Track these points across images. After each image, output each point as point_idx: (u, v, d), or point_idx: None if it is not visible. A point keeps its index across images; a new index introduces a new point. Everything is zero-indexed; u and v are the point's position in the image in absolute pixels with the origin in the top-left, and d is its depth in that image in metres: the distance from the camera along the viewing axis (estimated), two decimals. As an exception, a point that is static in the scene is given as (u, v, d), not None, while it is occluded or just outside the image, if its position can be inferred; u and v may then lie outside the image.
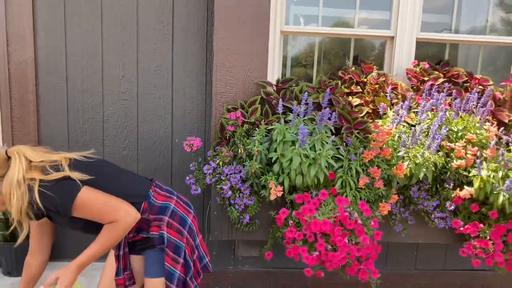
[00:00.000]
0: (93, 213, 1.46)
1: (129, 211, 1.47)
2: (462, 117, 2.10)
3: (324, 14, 2.54)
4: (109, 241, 1.47)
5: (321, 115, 1.87)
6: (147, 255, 1.63)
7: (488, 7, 2.59)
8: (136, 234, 1.61)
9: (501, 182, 1.94)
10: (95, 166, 1.55)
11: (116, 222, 1.45)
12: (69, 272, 1.46)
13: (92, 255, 1.48)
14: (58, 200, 1.40)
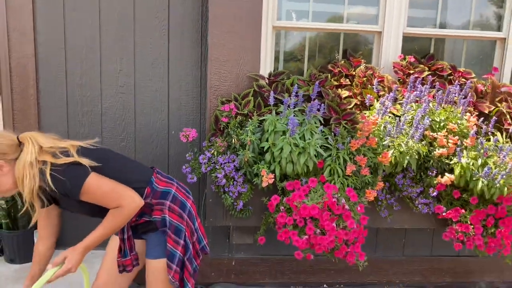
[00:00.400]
0: (100, 198, 1.55)
1: (134, 198, 1.56)
2: (444, 108, 2.21)
3: (315, 9, 2.64)
4: (114, 225, 1.57)
5: (310, 107, 1.98)
6: (149, 238, 1.73)
7: (472, 2, 2.70)
8: (139, 218, 1.70)
9: (480, 169, 2.05)
10: (101, 154, 1.63)
11: (121, 208, 1.55)
12: (76, 253, 1.56)
13: (98, 237, 1.58)
14: (68, 183, 1.49)
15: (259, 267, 2.93)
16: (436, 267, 3.08)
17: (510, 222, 2.15)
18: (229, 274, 2.92)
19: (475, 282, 3.14)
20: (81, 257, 1.57)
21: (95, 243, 1.60)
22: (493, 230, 2.19)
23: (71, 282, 2.43)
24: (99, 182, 1.54)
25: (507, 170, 2.02)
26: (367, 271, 3.02)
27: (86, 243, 1.59)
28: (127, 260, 1.75)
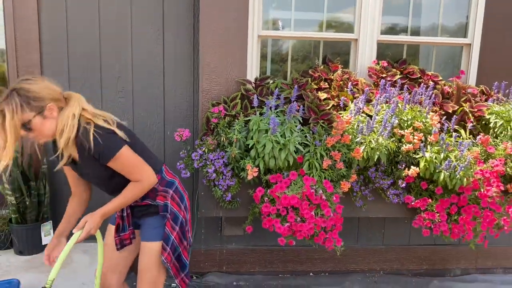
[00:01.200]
0: (125, 168, 1.74)
1: (152, 176, 1.79)
2: (412, 108, 2.46)
3: (297, 18, 2.88)
4: (131, 196, 1.77)
5: (290, 108, 2.22)
6: (146, 222, 1.90)
7: (439, 11, 2.95)
8: (141, 200, 1.86)
9: (442, 162, 2.30)
10: (129, 133, 1.82)
11: (141, 181, 1.75)
12: (95, 217, 1.71)
13: (116, 206, 1.77)
14: (104, 147, 1.66)
15: (249, 257, 3.17)
16: (414, 255, 3.32)
17: (471, 209, 2.40)
18: (221, 263, 3.15)
19: (451, 269, 3.39)
20: (100, 220, 1.72)
21: (113, 210, 1.78)
22: (456, 217, 2.43)
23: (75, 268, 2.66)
24: (129, 154, 1.73)
25: (466, 163, 2.27)
26: (349, 260, 3.26)
27: (105, 210, 1.75)
28: (125, 235, 1.91)
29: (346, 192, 2.39)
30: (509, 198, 2.51)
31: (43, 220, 2.82)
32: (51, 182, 2.92)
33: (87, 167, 1.77)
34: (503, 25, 2.83)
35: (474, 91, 2.74)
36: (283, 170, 2.32)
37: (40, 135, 1.68)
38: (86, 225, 1.70)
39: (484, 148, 2.48)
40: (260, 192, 2.31)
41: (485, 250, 3.35)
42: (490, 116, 2.59)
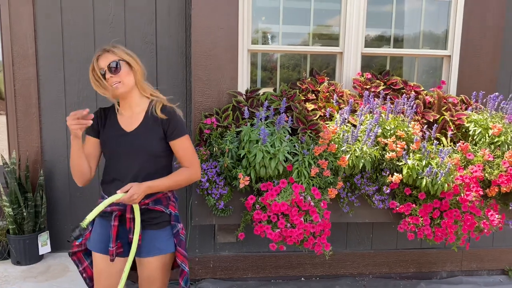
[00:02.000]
0: (186, 150, 1.89)
1: (200, 169, 1.95)
2: (395, 117, 2.59)
3: (285, 31, 3.01)
4: (178, 180, 1.86)
5: (279, 119, 2.34)
6: (158, 235, 1.87)
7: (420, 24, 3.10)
8: (154, 204, 1.86)
9: (424, 169, 2.42)
10: None
11: (191, 169, 1.89)
12: (141, 187, 1.74)
13: (162, 185, 1.83)
14: (182, 123, 1.90)
15: (242, 263, 3.25)
16: (402, 259, 3.43)
17: (452, 213, 2.52)
18: (215, 270, 3.24)
19: (437, 272, 3.51)
20: (144, 192, 1.75)
21: (159, 188, 1.83)
22: (439, 221, 2.55)
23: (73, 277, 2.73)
24: (190, 140, 1.94)
25: (447, 169, 2.39)
26: (339, 265, 3.37)
27: (151, 184, 1.78)
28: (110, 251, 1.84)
29: (333, 198, 2.50)
30: (488, 202, 2.64)
31: (40, 230, 2.89)
32: (48, 193, 2.99)
33: (145, 138, 1.85)
34: (480, 37, 2.98)
35: (455, 100, 2.88)
36: (274, 178, 2.42)
37: (123, 80, 1.82)
38: (130, 189, 1.73)
39: (463, 155, 2.61)
40: (252, 200, 2.41)
41: (470, 252, 3.48)
42: (469, 124, 2.72)
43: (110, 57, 1.81)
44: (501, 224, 2.61)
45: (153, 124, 1.86)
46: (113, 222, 1.83)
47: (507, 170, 2.53)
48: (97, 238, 1.91)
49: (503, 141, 2.62)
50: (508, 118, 2.71)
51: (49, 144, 2.98)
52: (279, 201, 2.27)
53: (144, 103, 1.92)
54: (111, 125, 1.91)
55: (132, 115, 1.90)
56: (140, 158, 1.85)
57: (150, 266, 1.88)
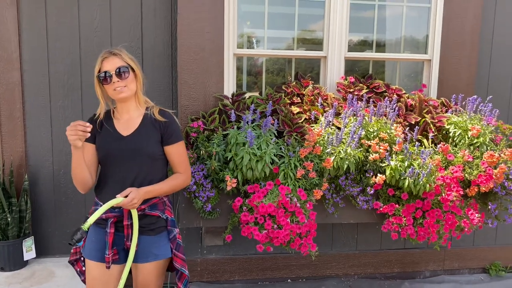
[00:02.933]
0: (182, 156, 1.95)
1: (190, 175, 2.01)
2: (378, 120, 2.65)
3: (270, 36, 3.06)
4: (173, 185, 1.91)
5: (265, 122, 2.37)
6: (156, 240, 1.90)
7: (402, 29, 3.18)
8: (150, 209, 1.88)
9: (407, 169, 2.49)
10: None
11: (183, 174, 1.94)
12: (140, 192, 1.77)
13: (160, 189, 1.86)
14: (179, 128, 1.96)
15: (229, 266, 3.27)
16: (386, 259, 3.49)
17: (434, 213, 2.59)
18: (202, 273, 3.24)
19: (420, 271, 3.58)
20: (143, 196, 1.79)
21: (155, 193, 1.86)
22: (421, 220, 2.62)
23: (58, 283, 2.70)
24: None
25: (428, 170, 2.46)
26: (325, 266, 3.41)
27: (148, 189, 1.82)
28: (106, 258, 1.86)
29: (319, 199, 2.55)
30: (469, 201, 2.72)
31: (24, 236, 2.86)
32: (33, 198, 2.96)
33: (142, 141, 1.87)
34: (459, 42, 3.08)
35: (435, 103, 2.96)
36: (260, 180, 2.45)
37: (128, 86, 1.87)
38: (130, 193, 1.74)
39: (444, 156, 2.69)
40: (239, 202, 2.44)
41: (452, 252, 3.56)
42: (450, 126, 2.80)
43: (117, 61, 1.84)
44: (481, 223, 2.69)
45: (151, 127, 1.90)
46: (109, 229, 1.84)
47: (485, 170, 2.62)
48: (92, 246, 1.90)
49: (481, 142, 2.70)
50: (486, 120, 2.80)
51: (34, 148, 2.95)
52: (266, 203, 2.30)
53: (141, 108, 1.96)
54: (107, 129, 1.91)
55: (129, 119, 1.93)
56: (138, 161, 1.87)
57: (146, 271, 1.90)
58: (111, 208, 1.84)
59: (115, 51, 1.86)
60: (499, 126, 2.91)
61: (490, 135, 2.76)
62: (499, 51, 3.37)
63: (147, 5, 2.94)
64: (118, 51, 1.87)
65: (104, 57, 1.85)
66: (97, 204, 1.92)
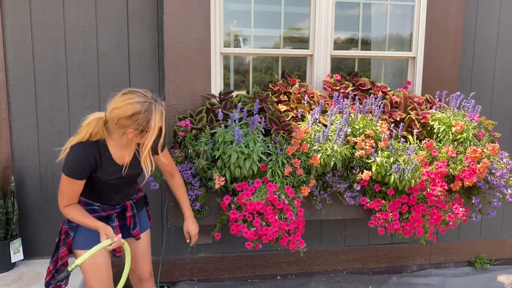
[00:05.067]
0: (169, 157, 2.18)
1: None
2: (363, 117, 2.69)
3: (256, 34, 3.08)
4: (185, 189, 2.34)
5: (252, 120, 2.39)
6: (143, 214, 2.27)
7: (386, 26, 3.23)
8: (137, 194, 2.21)
9: (392, 165, 2.53)
10: None
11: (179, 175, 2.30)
12: (194, 221, 2.34)
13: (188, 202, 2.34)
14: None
15: (219, 264, 3.28)
16: (374, 254, 3.54)
17: (420, 208, 2.64)
18: (191, 272, 3.25)
19: (408, 266, 3.63)
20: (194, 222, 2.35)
21: (189, 207, 2.33)
22: (407, 215, 2.67)
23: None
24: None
25: (413, 166, 2.51)
26: (314, 262, 3.44)
27: (190, 210, 2.32)
28: (137, 230, 2.16)
29: (306, 196, 2.58)
30: (453, 196, 2.78)
31: (12, 238, 2.83)
32: (19, 199, 2.94)
33: (138, 167, 2.01)
34: (442, 39, 3.13)
35: (420, 100, 3.01)
36: (248, 178, 2.47)
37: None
38: (194, 232, 2.32)
39: (429, 151, 2.74)
40: (228, 200, 2.46)
41: (438, 246, 3.63)
42: (434, 123, 2.85)
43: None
44: (465, 216, 2.75)
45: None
46: (114, 223, 2.03)
47: (469, 165, 2.67)
48: (89, 235, 1.97)
49: (465, 137, 2.76)
50: (469, 116, 2.86)
51: (20, 150, 2.93)
52: (254, 200, 2.32)
53: None
54: (107, 163, 1.92)
55: (126, 150, 1.96)
56: (131, 182, 2.10)
57: (143, 240, 2.23)
58: (112, 206, 2.05)
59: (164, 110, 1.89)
60: (482, 122, 2.97)
61: (473, 130, 2.81)
62: (482, 49, 3.43)
63: (133, 4, 2.93)
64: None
65: (161, 112, 1.84)
66: (91, 205, 2.02)
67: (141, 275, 2.27)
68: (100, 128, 1.85)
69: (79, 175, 1.84)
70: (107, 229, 1.88)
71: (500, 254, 3.76)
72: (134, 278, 2.31)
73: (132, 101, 1.76)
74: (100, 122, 1.85)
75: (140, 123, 1.76)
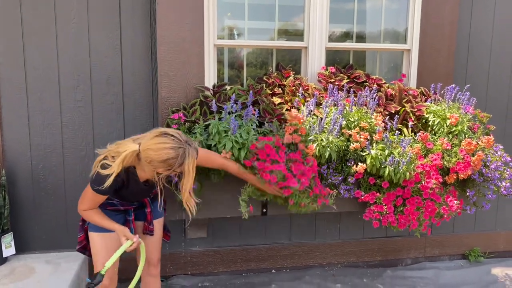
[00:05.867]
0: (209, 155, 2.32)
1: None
2: (358, 109, 2.67)
3: (250, 27, 3.04)
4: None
5: (246, 112, 2.37)
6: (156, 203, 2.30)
7: (381, 18, 3.21)
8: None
9: (387, 158, 2.52)
10: None
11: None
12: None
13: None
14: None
15: (213, 258, 3.27)
16: (368, 247, 3.54)
17: (414, 201, 2.63)
18: (186, 266, 3.24)
19: (402, 259, 3.64)
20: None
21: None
22: (402, 208, 2.66)
23: (39, 278, 2.66)
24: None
25: (408, 158, 2.49)
26: (309, 255, 3.44)
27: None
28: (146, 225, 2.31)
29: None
30: (448, 189, 2.77)
31: (3, 232, 2.80)
32: (11, 194, 2.90)
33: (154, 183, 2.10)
34: (437, 31, 3.12)
35: (415, 92, 3.00)
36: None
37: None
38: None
39: (424, 144, 2.72)
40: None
41: (432, 239, 3.63)
42: (429, 115, 2.84)
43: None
44: (460, 209, 2.74)
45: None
46: (131, 217, 2.19)
47: (464, 158, 2.66)
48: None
49: (459, 130, 2.75)
50: (464, 109, 2.85)
51: (11, 143, 2.89)
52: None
53: None
54: (133, 184, 2.07)
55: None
56: (152, 189, 2.21)
57: (156, 227, 2.34)
58: (130, 203, 2.19)
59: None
60: (477, 115, 2.96)
61: (468, 123, 2.81)
62: (477, 41, 3.42)
63: (125, -5, 2.89)
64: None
65: (194, 156, 1.89)
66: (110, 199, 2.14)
67: (150, 259, 2.35)
68: (133, 159, 1.94)
69: (104, 193, 1.97)
70: (125, 230, 2.02)
71: (494, 247, 3.78)
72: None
73: (167, 146, 1.82)
74: (134, 155, 1.92)
75: (173, 166, 1.84)
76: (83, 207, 2.04)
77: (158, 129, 1.90)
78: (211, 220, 3.20)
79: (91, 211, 2.04)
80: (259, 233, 3.32)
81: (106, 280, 2.18)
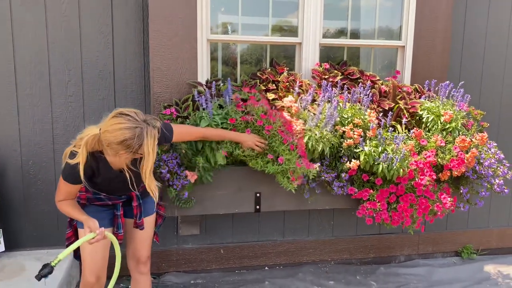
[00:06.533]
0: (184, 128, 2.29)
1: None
2: (352, 106, 2.65)
3: (244, 22, 3.01)
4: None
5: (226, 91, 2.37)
6: (148, 200, 2.22)
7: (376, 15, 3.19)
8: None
9: (380, 155, 2.50)
10: None
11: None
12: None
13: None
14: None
15: (206, 255, 3.25)
16: (362, 244, 3.54)
17: (408, 198, 2.62)
18: (178, 263, 3.21)
19: (396, 256, 3.64)
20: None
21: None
22: (395, 205, 2.65)
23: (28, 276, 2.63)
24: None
25: (401, 155, 2.48)
26: (302, 252, 3.42)
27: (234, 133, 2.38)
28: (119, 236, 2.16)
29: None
30: (441, 186, 2.76)
31: (-9, 227, 2.76)
32: (0, 189, 2.86)
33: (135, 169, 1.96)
34: (432, 28, 3.11)
35: (408, 89, 2.99)
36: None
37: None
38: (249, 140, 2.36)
39: (417, 141, 2.71)
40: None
41: (426, 236, 3.63)
42: (423, 112, 2.83)
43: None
44: (453, 206, 2.74)
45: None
46: (119, 211, 2.12)
47: (457, 155, 2.65)
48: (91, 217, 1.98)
49: (454, 127, 2.74)
50: (458, 106, 2.84)
51: (0, 139, 2.84)
52: None
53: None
54: (105, 170, 1.96)
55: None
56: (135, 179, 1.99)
57: (146, 225, 2.24)
58: (118, 196, 2.12)
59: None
60: (471, 112, 2.96)
61: (462, 120, 2.80)
62: (471, 38, 3.42)
63: (117, -11, 2.85)
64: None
65: (154, 136, 1.79)
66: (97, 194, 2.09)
67: (139, 257, 2.30)
68: (96, 143, 1.86)
69: (74, 181, 1.90)
70: (90, 222, 1.90)
71: (486, 244, 3.79)
72: (131, 263, 2.33)
73: (122, 126, 1.73)
74: (95, 139, 1.84)
75: (132, 148, 1.75)
76: (57, 198, 1.98)
77: (116, 110, 1.82)
78: (204, 217, 3.18)
79: (65, 202, 1.97)
80: (252, 230, 3.31)
81: (93, 278, 2.12)
